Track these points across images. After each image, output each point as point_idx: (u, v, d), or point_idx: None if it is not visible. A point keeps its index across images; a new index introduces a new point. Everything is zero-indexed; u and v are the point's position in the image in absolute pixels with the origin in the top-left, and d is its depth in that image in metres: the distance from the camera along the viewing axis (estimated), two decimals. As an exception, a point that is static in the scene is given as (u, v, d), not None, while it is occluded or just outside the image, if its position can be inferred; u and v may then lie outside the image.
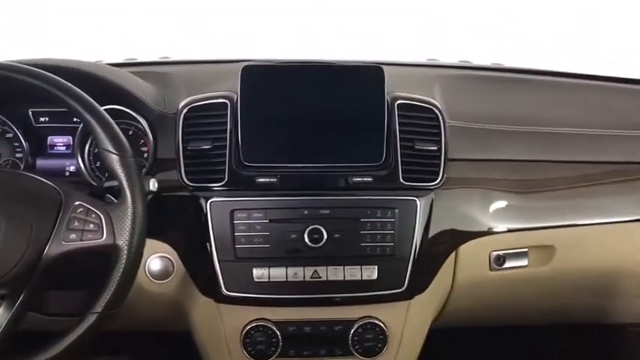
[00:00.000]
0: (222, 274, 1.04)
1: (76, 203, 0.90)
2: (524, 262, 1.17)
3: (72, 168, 1.15)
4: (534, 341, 1.65)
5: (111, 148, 0.90)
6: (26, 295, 0.88)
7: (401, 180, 1.06)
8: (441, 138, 1.08)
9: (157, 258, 1.09)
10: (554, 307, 1.29)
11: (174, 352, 1.40)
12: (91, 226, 0.89)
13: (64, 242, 0.88)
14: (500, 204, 1.14)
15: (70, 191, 0.92)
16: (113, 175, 0.91)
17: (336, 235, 1.04)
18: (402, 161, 1.06)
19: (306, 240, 1.03)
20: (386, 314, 1.10)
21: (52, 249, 0.88)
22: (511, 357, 1.75)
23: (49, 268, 0.88)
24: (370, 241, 1.05)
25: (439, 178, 1.07)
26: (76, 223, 0.89)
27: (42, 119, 1.15)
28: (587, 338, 1.64)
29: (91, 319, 0.88)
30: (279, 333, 1.08)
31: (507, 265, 1.16)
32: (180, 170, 1.05)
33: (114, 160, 0.90)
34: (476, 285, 1.17)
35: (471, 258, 1.14)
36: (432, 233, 1.08)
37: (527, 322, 1.40)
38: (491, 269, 1.15)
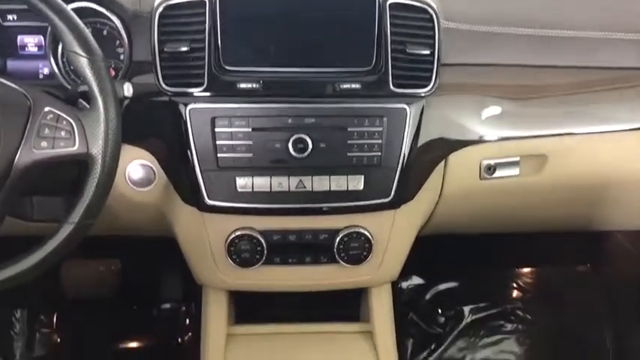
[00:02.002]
0: (204, 184, 1.01)
1: (46, 109, 0.85)
2: (515, 171, 1.14)
3: (45, 70, 1.09)
4: (522, 247, 1.68)
5: (79, 51, 0.84)
6: (0, 203, 0.86)
7: (391, 87, 1.01)
8: (434, 41, 1.02)
9: (136, 165, 1.05)
10: (543, 215, 1.29)
11: (164, 254, 1.40)
12: (63, 133, 0.84)
13: (35, 150, 0.84)
14: (494, 111, 1.10)
15: (39, 96, 0.87)
16: (83, 80, 0.86)
17: (322, 145, 1.00)
18: (392, 66, 1.01)
19: (291, 150, 1.00)
20: (372, 223, 1.09)
21: (23, 157, 0.84)
22: (499, 261, 1.79)
23: (22, 176, 0.85)
24: (357, 150, 1.01)
25: (431, 85, 1.02)
26: (47, 131, 0.84)
27: (9, 17, 1.07)
28: (573, 244, 1.67)
29: (67, 229, 0.86)
30: (263, 241, 1.07)
31: (498, 174, 1.13)
32: (157, 74, 0.99)
33: (83, 63, 0.84)
34: (464, 194, 1.15)
35: (460, 167, 1.12)
36: (421, 142, 1.04)
37: (515, 230, 1.40)
38: (481, 178, 1.13)
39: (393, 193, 1.04)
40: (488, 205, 1.21)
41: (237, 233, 1.07)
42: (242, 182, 1.01)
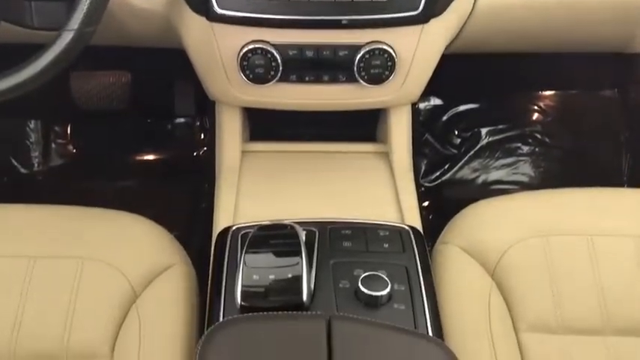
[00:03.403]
0: None
1: None
2: None
3: None
4: (547, 69, 1.60)
5: None
6: None
7: None
8: None
9: None
10: (581, 34, 1.19)
11: (176, 68, 1.34)
12: None
13: None
14: None
15: None
16: None
17: None
18: None
19: None
20: (396, 39, 1.00)
21: None
22: (522, 83, 1.72)
23: None
24: None
25: None
26: None
27: None
28: (603, 67, 1.59)
29: (67, 37, 0.81)
30: (278, 56, 0.99)
31: (537, -12, 1.02)
32: None
33: None
34: (498, 10, 1.05)
35: None
36: None
37: (547, 50, 1.31)
38: None
39: (422, 5, 0.94)
40: (522, 22, 1.11)
41: (250, 47, 0.99)
42: None
